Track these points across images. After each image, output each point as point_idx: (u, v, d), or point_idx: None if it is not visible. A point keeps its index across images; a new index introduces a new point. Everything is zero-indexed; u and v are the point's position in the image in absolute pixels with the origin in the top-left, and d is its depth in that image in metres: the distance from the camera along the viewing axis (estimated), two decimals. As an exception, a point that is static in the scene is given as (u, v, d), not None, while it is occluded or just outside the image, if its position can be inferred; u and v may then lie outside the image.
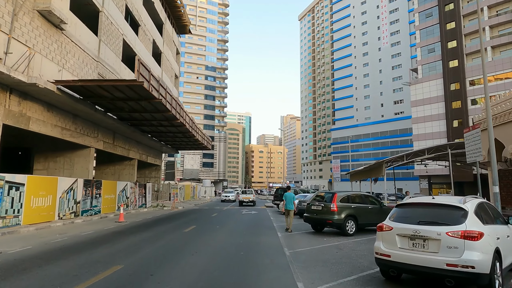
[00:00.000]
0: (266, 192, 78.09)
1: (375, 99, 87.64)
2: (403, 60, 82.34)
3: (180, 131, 22.92)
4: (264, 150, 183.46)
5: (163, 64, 29.48)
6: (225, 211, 24.19)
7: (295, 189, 24.10)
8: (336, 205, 10.93)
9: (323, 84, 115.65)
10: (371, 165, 22.89)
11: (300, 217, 18.27)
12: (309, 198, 18.07)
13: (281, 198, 22.98)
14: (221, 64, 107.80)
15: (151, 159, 29.87)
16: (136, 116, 18.51)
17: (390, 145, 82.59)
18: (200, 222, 15.54)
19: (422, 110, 51.67)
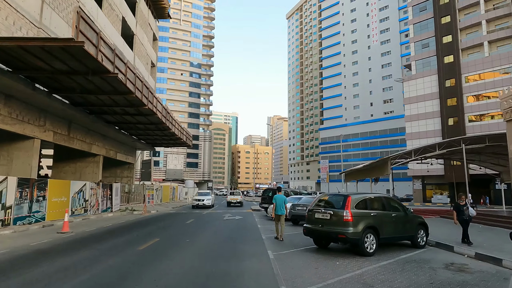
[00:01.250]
0: (253, 193, 74.84)
1: (364, 98, 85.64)
2: (393, 58, 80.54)
3: (152, 121, 19.47)
4: (250, 151, 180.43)
5: (136, 48, 25.93)
6: (205, 216, 20.81)
7: (285, 191, 20.93)
8: (350, 213, 7.76)
9: (311, 84, 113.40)
10: (373, 163, 19.93)
11: (294, 225, 15.08)
12: (304, 202, 14.98)
13: (269, 200, 19.79)
14: (206, 60, 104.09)
15: (121, 156, 26.23)
16: (92, 100, 14.99)
17: (380, 145, 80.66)
18: (168, 233, 12.16)
19: (416, 107, 49.43)
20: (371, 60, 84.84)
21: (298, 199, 17.77)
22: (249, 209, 27.18)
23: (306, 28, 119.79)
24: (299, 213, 14.61)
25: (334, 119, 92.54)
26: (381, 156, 76.32)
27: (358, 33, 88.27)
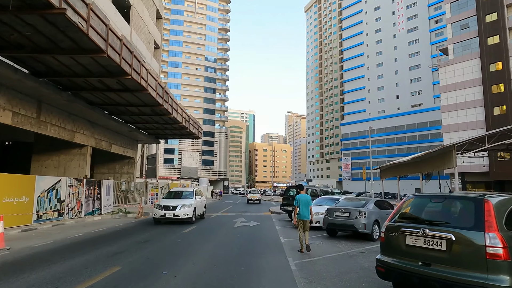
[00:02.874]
0: (271, 192, 70.58)
1: (389, 90, 79.97)
2: (421, 47, 74.59)
3: (145, 102, 15.55)
4: (268, 149, 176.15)
5: (134, 21, 22.13)
6: (211, 220, 16.73)
7: (313, 189, 16.56)
8: (502, 239, 3.41)
9: (331, 78, 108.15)
10: (426, 154, 15.39)
11: (331, 237, 10.78)
12: (345, 205, 10.66)
13: (293, 201, 15.51)
14: (222, 54, 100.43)
15: (117, 149, 22.48)
16: (53, 64, 11.12)
17: (407, 140, 74.94)
18: (143, 254, 8.03)
19: (454, 96, 43.94)
20: (397, 49, 79.15)
21: (333, 200, 13.41)
22: (267, 211, 22.95)
23: (325, 20, 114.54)
24: (339, 221, 10.31)
25: (357, 114, 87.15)
26: (411, 153, 70.72)
27: (383, 21, 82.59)
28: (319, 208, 12.86)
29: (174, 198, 15.27)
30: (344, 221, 10.11)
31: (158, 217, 14.10)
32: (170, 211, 13.95)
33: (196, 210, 15.16)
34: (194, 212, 14.68)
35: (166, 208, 14.04)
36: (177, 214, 13.94)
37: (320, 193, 16.10)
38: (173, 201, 14.51)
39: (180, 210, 14.03)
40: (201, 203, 16.50)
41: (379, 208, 10.69)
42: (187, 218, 14.17)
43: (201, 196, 17.21)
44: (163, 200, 15.19)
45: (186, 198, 15.11)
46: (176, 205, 14.11)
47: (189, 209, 14.30)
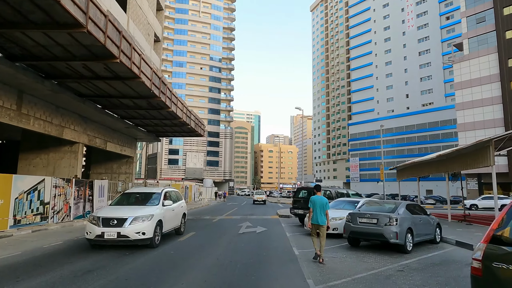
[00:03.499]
0: (277, 193, 68.85)
1: (399, 89, 77.90)
2: (432, 44, 72.42)
3: (140, 93, 13.98)
4: (274, 150, 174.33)
5: (132, 10, 20.61)
6: (213, 225, 15.08)
7: (327, 190, 14.80)
8: None
9: (338, 78, 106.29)
10: (456, 151, 13.60)
11: (353, 246, 9.04)
12: (371, 210, 8.94)
13: (305, 205, 13.85)
14: (227, 54, 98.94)
15: (113, 147, 20.94)
16: (29, 45, 9.56)
17: (418, 140, 72.75)
18: (121, 275, 6.41)
19: (470, 93, 41.89)
20: (406, 47, 77.08)
21: (351, 203, 11.68)
22: (274, 214, 21.23)
23: (332, 19, 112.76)
24: (364, 229, 8.57)
25: (365, 113, 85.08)
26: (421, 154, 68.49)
27: (391, 19, 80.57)
28: (336, 213, 11.16)
29: (128, 205, 9.78)
30: (371, 229, 8.38)
31: (92, 238, 8.23)
32: (112, 228, 8.15)
33: (164, 225, 9.43)
34: (157, 229, 8.94)
35: (106, 223, 8.27)
36: (124, 234, 8.13)
37: (335, 195, 14.36)
38: (120, 211, 8.77)
39: (130, 226, 8.24)
40: (175, 212, 10.59)
41: (411, 214, 8.96)
42: (143, 239, 8.34)
43: (177, 200, 11.42)
44: (105, 209, 9.38)
45: (145, 206, 9.39)
46: (123, 218, 8.30)
47: (146, 224, 8.44)
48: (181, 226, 11.45)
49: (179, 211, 11.21)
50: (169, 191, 11.04)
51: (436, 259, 7.74)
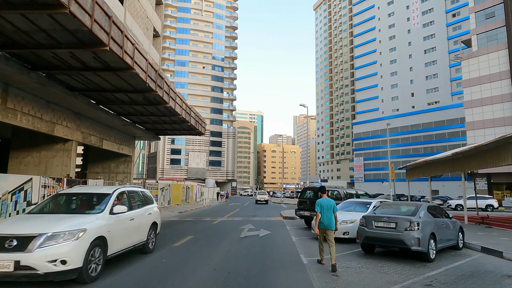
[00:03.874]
0: (280, 194, 67.87)
1: (404, 88, 76.74)
2: (437, 42, 71.19)
3: (135, 87, 13.09)
4: (277, 150, 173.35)
5: (129, 2, 19.71)
6: (213, 228, 14.15)
7: (335, 191, 13.80)
8: None
9: (341, 77, 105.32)
10: (473, 148, 12.60)
11: (367, 253, 8.06)
12: (387, 213, 7.98)
13: (311, 205, 12.93)
14: (229, 53, 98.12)
15: (110, 145, 20.06)
16: (8, 30, 8.69)
17: (423, 139, 71.50)
18: None
19: (479, 90, 40.76)
20: (411, 45, 75.91)
21: (363, 205, 10.71)
22: (278, 215, 20.28)
23: (335, 18, 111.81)
24: (381, 235, 7.58)
25: (369, 113, 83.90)
26: (427, 153, 67.27)
27: (396, 16, 79.39)
28: (346, 215, 10.20)
29: (56, 212, 6.60)
30: (389, 235, 7.40)
31: None
32: (6, 254, 4.93)
33: (111, 243, 6.22)
34: (96, 252, 5.77)
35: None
36: (28, 264, 4.91)
37: (344, 196, 13.38)
38: (30, 223, 5.70)
39: (40, 250, 5.02)
40: (135, 223, 7.40)
41: (433, 217, 7.98)
42: (62, 272, 5.11)
43: (144, 204, 8.22)
44: (9, 219, 6.75)
45: (81, 215, 6.24)
46: (30, 235, 5.13)
47: (70, 246, 5.24)
48: (148, 242, 8.09)
49: (144, 220, 7.90)
50: (129, 191, 7.79)
51: (465, 270, 6.76)
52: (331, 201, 7.20)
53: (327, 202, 7.14)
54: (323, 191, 7.51)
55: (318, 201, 7.22)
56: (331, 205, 7.09)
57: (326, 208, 7.04)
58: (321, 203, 7.12)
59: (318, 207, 7.10)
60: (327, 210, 7.04)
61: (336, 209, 7.13)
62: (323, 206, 7.08)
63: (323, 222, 7.02)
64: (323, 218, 7.02)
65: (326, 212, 7.04)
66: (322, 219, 7.04)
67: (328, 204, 7.10)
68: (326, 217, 7.01)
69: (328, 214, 7.02)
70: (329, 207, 7.07)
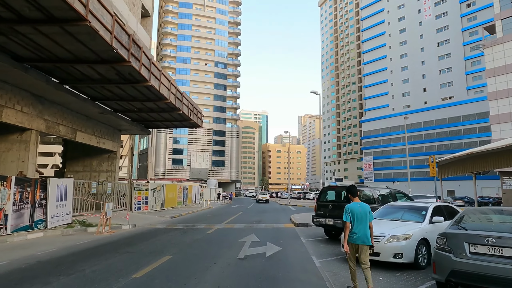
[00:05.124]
0: (287, 195, 64.55)
1: (415, 83, 73.09)
2: (451, 34, 67.46)
3: (100, 55, 9.90)
4: (282, 150, 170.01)
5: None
6: (204, 241, 10.86)
7: (362, 190, 10.38)
8: None
9: (348, 74, 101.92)
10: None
11: None
12: (485, 227, 4.51)
13: (334, 211, 9.64)
14: (233, 49, 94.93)
15: (87, 138, 16.91)
16: None
17: (437, 137, 67.79)
18: None
19: (505, 80, 37.12)
20: (423, 38, 72.25)
21: (416, 211, 7.39)
22: (288, 221, 16.95)
23: (341, 13, 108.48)
24: (489, 270, 4.19)
25: (379, 109, 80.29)
26: (441, 151, 63.53)
27: (407, 8, 75.76)
28: (392, 227, 6.92)
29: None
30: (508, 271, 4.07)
31: None
32: None
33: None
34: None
35: None
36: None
37: (377, 198, 10.03)
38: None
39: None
40: None
41: None
42: None
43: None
44: None
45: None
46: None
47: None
48: None
49: None
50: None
51: None
52: (366, 207, 5.35)
53: (361, 208, 5.30)
54: (354, 193, 5.51)
55: (349, 206, 5.35)
56: (366, 212, 5.29)
57: (360, 217, 5.24)
58: (353, 210, 5.31)
59: (348, 214, 5.30)
60: (361, 219, 5.24)
61: (371, 217, 5.33)
62: (355, 213, 5.27)
63: (356, 235, 5.18)
64: (356, 230, 5.20)
65: (360, 221, 5.23)
66: (354, 232, 5.21)
67: (362, 211, 5.28)
68: (359, 229, 5.20)
69: (362, 225, 5.22)
70: (363, 215, 5.26)
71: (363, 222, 5.20)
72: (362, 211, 5.25)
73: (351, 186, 5.67)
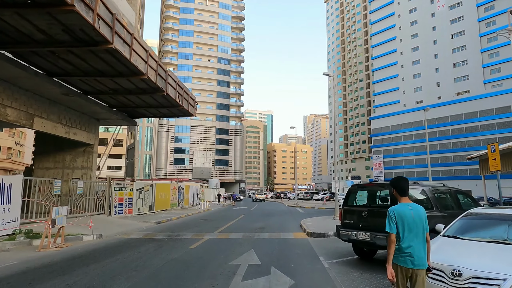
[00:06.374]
0: (293, 195, 61.29)
1: (428, 77, 69.39)
2: (467, 25, 63.68)
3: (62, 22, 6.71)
4: (287, 149, 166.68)
5: None
6: (180, 263, 7.60)
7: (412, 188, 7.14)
8: None
9: (355, 71, 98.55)
10: None
11: None
12: None
13: (373, 221, 6.33)
14: (236, 45, 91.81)
15: (51, 127, 13.80)
16: None
17: (452, 134, 64.01)
18: None
19: (535, 69, 33.64)
20: (436, 30, 68.53)
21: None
22: (297, 228, 13.68)
23: (348, 8, 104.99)
24: None
25: (389, 106, 76.68)
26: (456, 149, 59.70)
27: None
28: (497, 258, 3.69)
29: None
30: None
31: None
32: None
33: None
34: None
35: None
36: None
37: (433, 202, 6.72)
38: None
39: None
40: None
41: None
42: None
43: None
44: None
45: None
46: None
47: None
48: None
49: None
50: None
51: None
52: (420, 210, 3.47)
53: (414, 213, 3.42)
54: (403, 190, 3.56)
55: (395, 209, 3.45)
56: (421, 217, 3.43)
57: (413, 225, 3.37)
58: (402, 214, 3.41)
59: (393, 222, 3.42)
60: (415, 228, 3.37)
61: (427, 227, 3.42)
62: (405, 220, 3.39)
63: (407, 254, 3.34)
64: (407, 245, 3.36)
65: (413, 232, 3.37)
66: (403, 248, 3.36)
67: (417, 217, 3.41)
68: (413, 244, 3.34)
69: (417, 238, 3.37)
70: (417, 223, 3.39)
71: (418, 233, 3.40)
72: (416, 216, 3.43)
73: (398, 179, 3.66)
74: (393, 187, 3.66)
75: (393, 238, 3.39)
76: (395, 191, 3.62)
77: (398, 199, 3.59)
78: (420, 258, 3.34)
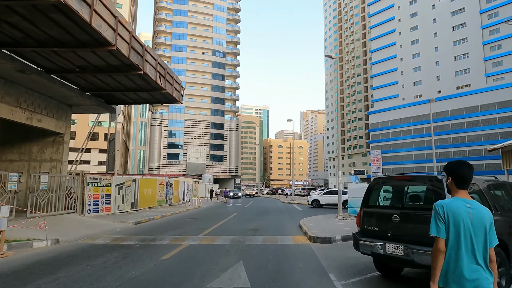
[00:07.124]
0: (290, 191, 59.56)
1: (428, 71, 67.72)
2: (468, 16, 61.93)
3: None
4: (283, 145, 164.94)
5: None
6: (149, 278, 5.66)
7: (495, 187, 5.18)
8: None
9: (353, 65, 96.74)
10: None
11: None
12: None
13: (408, 228, 4.38)
14: (231, 37, 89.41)
15: (6, 110, 11.75)
16: None
17: (452, 128, 62.40)
18: None
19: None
20: (436, 22, 66.77)
21: None
22: (296, 230, 11.77)
23: (346, 1, 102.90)
24: None
25: (388, 100, 75.01)
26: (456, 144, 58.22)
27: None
28: None
29: None
30: None
31: None
32: None
33: None
34: None
35: None
36: None
37: (492, 203, 4.83)
38: None
39: None
40: None
41: None
42: None
43: None
44: None
45: None
46: None
47: None
48: None
49: None
50: None
51: None
52: (484, 211, 2.24)
53: (474, 213, 2.20)
54: (464, 181, 2.36)
55: (444, 204, 2.29)
56: (483, 224, 2.20)
57: (472, 231, 2.18)
58: (455, 212, 2.22)
59: (441, 221, 2.25)
60: (474, 235, 2.18)
61: (494, 238, 2.22)
62: (460, 221, 2.20)
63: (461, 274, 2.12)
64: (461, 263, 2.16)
65: (472, 240, 2.18)
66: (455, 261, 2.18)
67: (477, 219, 2.19)
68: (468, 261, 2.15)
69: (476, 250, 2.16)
70: (477, 228, 2.19)
71: (478, 242, 2.17)
72: (477, 218, 2.18)
73: (459, 164, 2.42)
74: (449, 175, 2.42)
75: (442, 246, 2.24)
76: (451, 179, 2.40)
77: (452, 193, 2.38)
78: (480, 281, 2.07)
